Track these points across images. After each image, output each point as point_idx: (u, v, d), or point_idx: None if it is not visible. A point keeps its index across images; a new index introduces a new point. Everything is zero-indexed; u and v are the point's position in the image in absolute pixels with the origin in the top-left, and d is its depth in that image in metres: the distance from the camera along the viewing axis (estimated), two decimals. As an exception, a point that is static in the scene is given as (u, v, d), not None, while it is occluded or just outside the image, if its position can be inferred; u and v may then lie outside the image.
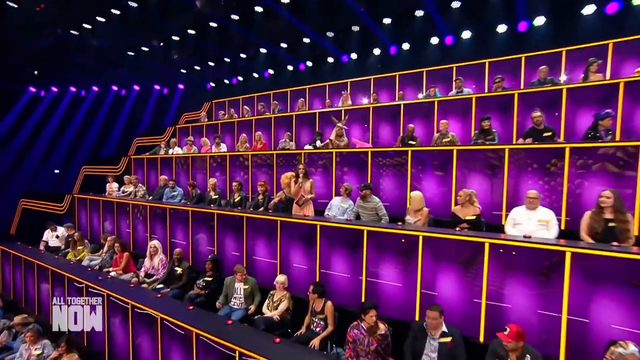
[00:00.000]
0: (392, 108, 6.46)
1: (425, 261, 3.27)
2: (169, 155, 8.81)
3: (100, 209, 7.85)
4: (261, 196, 5.54)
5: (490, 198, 4.16)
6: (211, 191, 6.49)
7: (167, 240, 6.23)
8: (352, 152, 5.29)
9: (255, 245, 4.76)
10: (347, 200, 4.65)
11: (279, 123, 8.05)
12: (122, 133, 13.98)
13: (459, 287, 3.08)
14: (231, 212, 5.07)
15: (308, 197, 4.83)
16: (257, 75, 12.28)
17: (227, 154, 7.16)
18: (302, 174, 4.76)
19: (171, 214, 6.23)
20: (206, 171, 7.42)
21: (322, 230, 3.91)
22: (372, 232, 3.61)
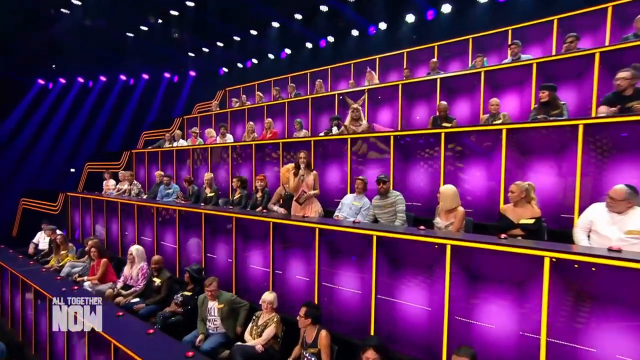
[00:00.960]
0: (426, 84, 6.07)
1: (457, 279, 2.78)
2: (167, 148, 8.86)
3: (91, 208, 7.87)
4: (259, 194, 5.37)
5: (557, 195, 3.58)
6: (207, 188, 6.37)
7: (155, 245, 6.09)
8: (371, 138, 4.96)
9: (248, 252, 4.54)
10: (362, 198, 4.38)
11: (294, 109, 7.98)
12: (129, 126, 14.49)
13: (505, 316, 2.59)
14: (215, 211, 4.87)
15: (311, 194, 4.48)
16: (272, 56, 12.08)
17: (229, 144, 7.06)
18: (303, 165, 4.48)
19: (159, 214, 6.09)
20: (208, 165, 7.50)
21: (321, 235, 3.60)
22: (382, 239, 3.19)
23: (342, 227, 3.48)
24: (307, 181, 4.45)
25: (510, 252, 2.55)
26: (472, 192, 4.15)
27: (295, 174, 4.47)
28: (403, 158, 4.69)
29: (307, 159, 4.45)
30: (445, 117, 5.19)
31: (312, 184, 4.45)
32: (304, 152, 4.53)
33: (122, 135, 14.41)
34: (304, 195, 4.40)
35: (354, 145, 5.12)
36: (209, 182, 6.38)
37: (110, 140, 14.43)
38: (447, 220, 3.52)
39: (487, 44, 7.03)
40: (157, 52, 12.54)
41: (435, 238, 2.92)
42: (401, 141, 4.73)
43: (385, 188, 4.06)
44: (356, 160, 5.11)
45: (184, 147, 8.36)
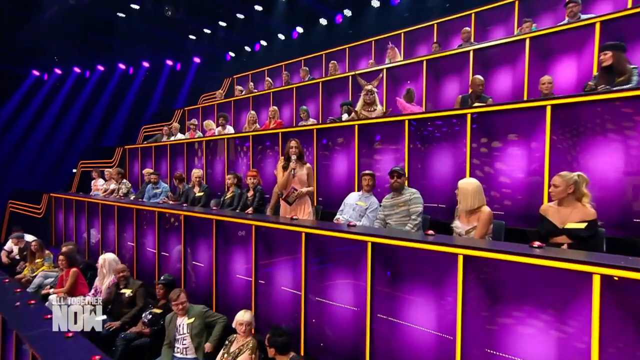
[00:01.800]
0: (455, 59, 5.86)
1: (472, 295, 2.45)
2: (160, 143, 8.92)
3: (74, 211, 7.95)
4: (250, 192, 5.31)
5: (623, 192, 3.18)
6: (195, 186, 6.39)
7: (135, 251, 6.06)
8: (383, 124, 4.79)
9: (230, 260, 4.44)
10: (369, 198, 4.23)
11: (304, 95, 8.06)
12: (128, 119, 14.82)
13: (546, 349, 2.25)
14: (191, 212, 4.84)
15: (302, 191, 4.30)
16: (282, 36, 11.96)
17: (225, 136, 7.15)
18: (294, 156, 4.30)
19: (139, 216, 6.05)
20: (203, 161, 7.53)
21: (308, 241, 3.47)
22: (380, 247, 2.94)
23: (332, 232, 3.28)
24: (298, 176, 4.31)
25: (545, 267, 2.21)
26: (506, 188, 3.85)
27: (284, 168, 4.35)
28: (421, 148, 4.48)
29: (298, 148, 4.30)
30: (478, 95, 4.91)
31: (305, 180, 4.30)
32: (295, 141, 4.33)
33: (120, 130, 14.75)
34: (294, 193, 4.22)
35: (363, 134, 4.96)
36: (198, 180, 6.38)
37: (107, 135, 14.79)
38: (468, 224, 3.25)
39: (537, 7, 6.77)
40: (155, 35, 12.65)
41: (441, 246, 2.60)
42: (420, 127, 4.49)
43: (399, 183, 3.90)
44: (366, 152, 4.96)
45: (178, 141, 8.41)
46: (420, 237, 2.80)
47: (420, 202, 3.84)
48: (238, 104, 9.80)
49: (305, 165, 4.36)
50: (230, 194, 5.64)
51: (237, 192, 5.58)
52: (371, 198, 4.22)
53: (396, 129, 4.63)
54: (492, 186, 3.86)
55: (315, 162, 5.41)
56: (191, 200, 6.32)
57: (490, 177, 3.88)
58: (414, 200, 3.84)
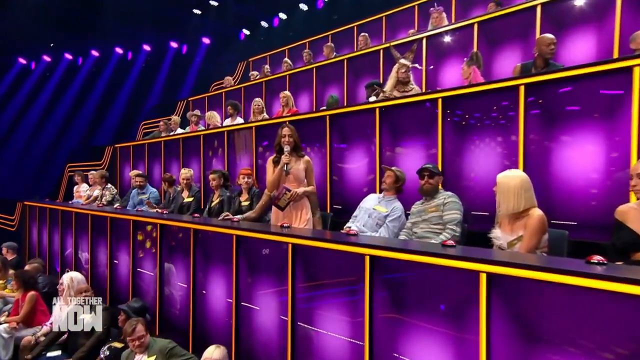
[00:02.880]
0: (516, 18, 5.79)
1: (501, 329, 2.37)
2: (152, 140, 9.18)
3: (47, 222, 8.19)
4: (244, 196, 5.39)
5: None
6: (184, 190, 6.55)
7: (108, 270, 6.10)
8: (411, 106, 4.75)
9: (210, 280, 4.48)
10: (391, 202, 4.27)
11: (326, 76, 8.19)
12: (126, 114, 15.28)
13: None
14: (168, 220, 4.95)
15: (297, 192, 4.25)
16: (305, 6, 12.05)
17: (224, 129, 7.27)
18: (287, 148, 4.29)
19: (114, 227, 6.11)
20: (200, 159, 7.72)
21: (296, 255, 3.47)
22: (381, 262, 2.92)
23: (324, 243, 3.24)
24: (294, 173, 4.26)
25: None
26: (573, 186, 3.64)
27: (275, 162, 4.35)
28: (460, 137, 4.36)
29: (293, 137, 4.29)
30: (546, 61, 4.66)
31: (303, 178, 4.32)
32: (288, 127, 4.31)
33: (115, 126, 15.27)
34: (286, 195, 4.17)
35: (387, 120, 4.93)
36: (186, 183, 6.48)
37: (101, 132, 15.34)
38: (511, 233, 3.10)
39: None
40: (156, 13, 12.91)
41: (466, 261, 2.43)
42: (459, 107, 4.34)
43: (431, 185, 3.90)
44: (391, 144, 4.93)
45: (173, 136, 8.64)
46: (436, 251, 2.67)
47: (458, 209, 3.77)
48: (249, 92, 9.96)
49: (302, 158, 4.34)
50: (217, 199, 5.64)
51: (226, 196, 5.61)
52: (394, 202, 4.19)
53: (427, 112, 4.54)
54: (552, 184, 3.69)
55: (329, 159, 5.42)
56: (179, 207, 6.40)
57: (550, 171, 3.70)
58: (449, 206, 3.78)
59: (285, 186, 4.20)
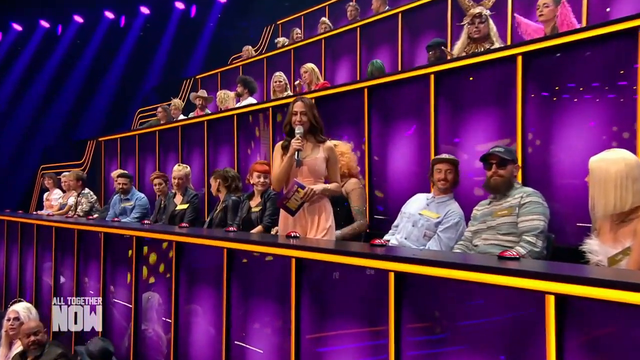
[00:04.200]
0: None
1: None
2: (146, 130, 9.48)
3: (5, 238, 8.51)
4: (256, 199, 5.60)
5: None
6: (177, 194, 6.76)
7: (74, 293, 6.22)
8: (478, 67, 4.82)
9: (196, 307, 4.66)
10: (446, 204, 4.38)
11: (374, 38, 8.38)
12: (117, 97, 15.65)
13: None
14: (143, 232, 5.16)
15: (316, 189, 4.23)
16: None
17: (234, 112, 7.53)
18: (300, 128, 4.29)
19: (81, 242, 6.28)
20: (205, 152, 7.93)
21: (301, 272, 3.59)
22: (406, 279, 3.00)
23: (340, 257, 3.30)
24: (309, 164, 4.28)
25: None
26: None
27: (284, 149, 4.36)
28: (546, 109, 4.38)
29: (308, 115, 4.29)
30: None
31: (323, 171, 4.34)
32: (302, 102, 4.34)
33: (104, 114, 15.63)
34: (299, 194, 4.16)
35: (444, 89, 5.02)
36: (179, 184, 6.59)
37: (85, 123, 15.74)
38: (614, 244, 3.03)
39: None
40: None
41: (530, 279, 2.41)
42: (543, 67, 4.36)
43: (502, 177, 3.87)
44: (449, 122, 5.01)
45: (170, 125, 8.88)
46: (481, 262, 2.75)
47: (541, 212, 3.68)
48: (274, 63, 10.14)
49: (323, 144, 4.34)
50: (222, 205, 5.83)
51: (230, 202, 5.79)
52: (449, 204, 4.25)
53: (501, 76, 4.59)
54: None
55: (367, 148, 5.53)
56: (169, 216, 6.54)
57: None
58: (528, 208, 3.70)
59: (298, 181, 4.19)
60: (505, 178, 3.79)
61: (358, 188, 4.94)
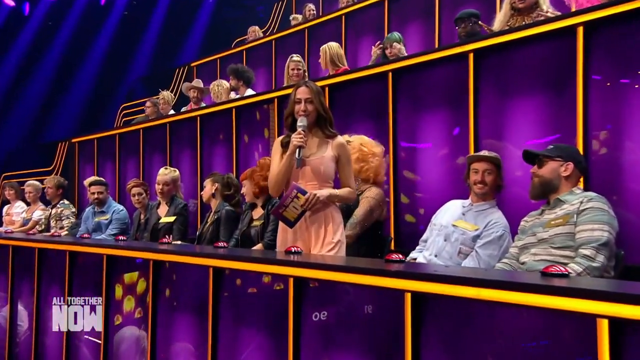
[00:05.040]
0: None
1: None
2: (129, 128, 9.61)
3: None
4: (258, 211, 5.78)
5: None
6: (161, 204, 6.83)
7: (33, 335, 6.27)
8: (527, 42, 4.89)
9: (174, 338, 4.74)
10: (486, 212, 4.44)
11: (403, 9, 8.50)
12: (97, 91, 15.76)
13: None
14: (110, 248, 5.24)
15: (320, 195, 4.27)
16: None
17: (232, 104, 7.67)
18: (303, 120, 4.33)
19: (43, 261, 6.30)
20: (196, 153, 8.10)
21: (301, 294, 3.65)
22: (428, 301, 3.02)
23: (345, 275, 3.32)
24: (314, 164, 4.34)
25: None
26: None
27: (284, 146, 4.41)
28: (618, 94, 4.40)
29: (315, 102, 4.33)
30: None
31: (332, 174, 4.40)
32: (308, 87, 4.36)
33: (79, 111, 15.71)
34: (299, 201, 4.20)
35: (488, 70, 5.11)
36: (164, 190, 6.67)
37: (57, 121, 15.79)
38: None
39: None
40: None
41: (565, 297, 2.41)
42: None
43: (539, 178, 3.97)
44: (496, 110, 5.07)
45: (154, 121, 9.07)
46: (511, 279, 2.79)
47: (605, 221, 3.66)
48: (284, 46, 10.34)
49: (332, 140, 4.38)
50: (212, 219, 5.99)
51: (224, 212, 5.97)
52: (490, 214, 4.29)
53: (554, 48, 4.66)
54: None
55: (392, 146, 5.59)
56: (151, 231, 6.60)
57: None
58: (589, 214, 3.69)
59: (297, 185, 4.20)
60: (543, 179, 3.84)
61: (374, 199, 4.99)
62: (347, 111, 6.58)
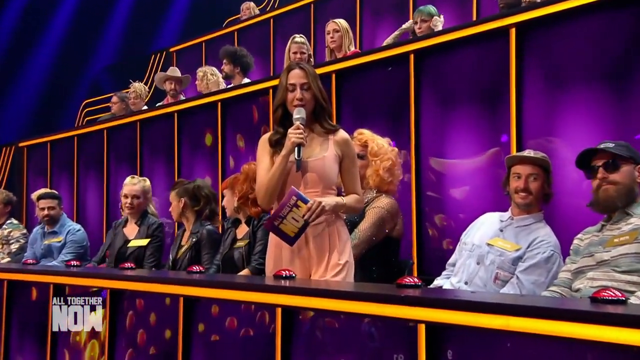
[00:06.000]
0: None
1: None
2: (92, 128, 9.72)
3: None
4: (242, 229, 5.89)
5: None
6: (129, 222, 6.99)
7: None
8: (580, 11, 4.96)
9: None
10: (531, 228, 4.49)
11: None
12: (51, 84, 15.83)
13: None
14: None
15: (325, 204, 4.28)
16: None
17: (217, 97, 7.76)
18: (302, 112, 4.39)
19: None
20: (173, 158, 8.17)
21: (290, 329, 3.71)
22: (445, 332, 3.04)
23: (345, 303, 3.39)
24: (315, 166, 4.37)
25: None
26: None
27: (274, 144, 4.48)
28: None
29: (313, 88, 4.39)
30: None
31: (333, 177, 4.45)
32: (303, 69, 4.44)
33: (30, 109, 15.76)
34: (299, 211, 4.20)
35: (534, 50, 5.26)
36: (133, 206, 6.81)
37: (2, 120, 15.79)
38: None
39: None
40: None
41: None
42: None
43: (617, 185, 3.95)
44: (543, 96, 5.23)
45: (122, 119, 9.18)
46: None
47: None
48: (283, 25, 10.56)
49: (334, 136, 4.43)
50: (189, 242, 6.14)
51: (204, 233, 6.11)
52: (536, 230, 4.33)
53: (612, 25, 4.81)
54: None
55: (415, 142, 5.69)
56: (116, 256, 6.66)
57: None
58: None
59: (297, 191, 4.21)
60: (622, 185, 3.81)
61: (384, 211, 5.04)
62: (351, 105, 6.70)
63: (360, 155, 5.02)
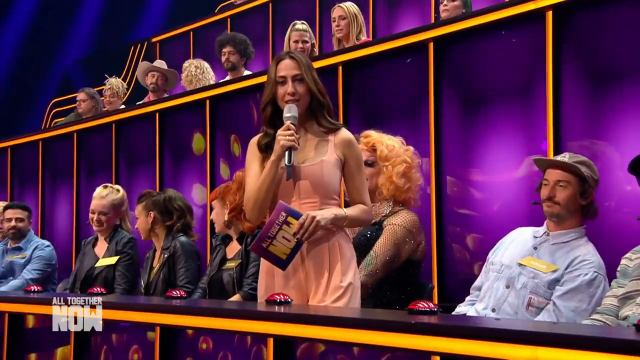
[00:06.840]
0: None
1: None
2: (42, 134, 9.94)
3: None
4: (233, 247, 5.99)
5: None
6: (99, 240, 7.09)
7: None
8: None
9: None
10: (570, 245, 4.51)
11: None
12: (15, 81, 16.06)
13: None
14: None
15: (321, 219, 4.26)
16: None
17: (206, 95, 7.76)
18: (294, 109, 4.38)
19: None
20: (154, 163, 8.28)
21: None
22: None
23: (347, 332, 3.33)
24: (310, 173, 4.37)
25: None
26: None
27: (263, 148, 4.51)
28: None
29: (308, 82, 4.39)
30: None
31: (334, 185, 4.47)
32: (296, 60, 4.46)
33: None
34: (290, 228, 4.21)
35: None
36: (103, 221, 6.87)
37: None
38: None
39: None
40: None
41: None
42: None
43: None
44: (587, 93, 5.26)
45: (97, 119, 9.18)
46: None
47: None
48: (283, 10, 10.65)
49: (334, 135, 4.44)
50: (160, 260, 6.27)
51: (177, 246, 6.24)
52: (577, 248, 4.34)
53: None
54: None
55: (435, 148, 5.80)
56: (83, 279, 6.72)
57: None
58: None
59: (286, 205, 4.23)
60: None
61: (404, 229, 5.03)
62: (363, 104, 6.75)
63: (369, 162, 5.06)
